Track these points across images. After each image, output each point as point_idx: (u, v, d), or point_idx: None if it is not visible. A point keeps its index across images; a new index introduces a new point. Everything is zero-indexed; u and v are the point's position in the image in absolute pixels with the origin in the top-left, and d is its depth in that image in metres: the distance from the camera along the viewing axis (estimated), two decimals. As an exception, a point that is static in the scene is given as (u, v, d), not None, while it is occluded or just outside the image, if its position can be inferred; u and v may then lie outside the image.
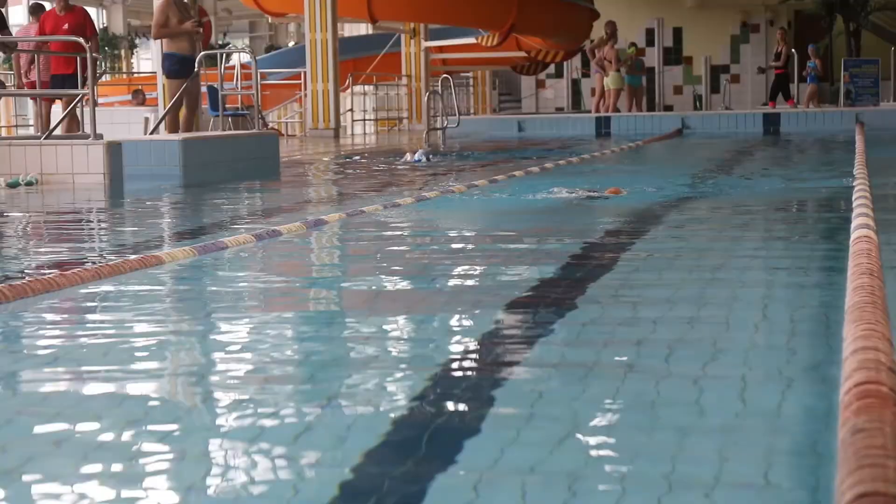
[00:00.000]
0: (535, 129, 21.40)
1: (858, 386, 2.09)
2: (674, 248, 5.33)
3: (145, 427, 2.50)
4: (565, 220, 6.66)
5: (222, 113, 14.66)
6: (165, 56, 13.17)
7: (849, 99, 23.37)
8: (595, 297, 3.93)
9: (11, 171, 9.90)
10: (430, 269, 4.75)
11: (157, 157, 10.68)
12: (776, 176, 9.66)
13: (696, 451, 2.19)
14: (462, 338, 3.42)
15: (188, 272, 4.76)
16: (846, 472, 1.64)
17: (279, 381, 2.88)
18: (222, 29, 34.25)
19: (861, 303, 2.92)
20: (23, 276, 4.53)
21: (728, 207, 7.08)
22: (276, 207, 8.22)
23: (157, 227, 7.15)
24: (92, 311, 3.97)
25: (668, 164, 13.29)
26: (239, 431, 2.43)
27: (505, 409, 2.55)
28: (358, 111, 25.35)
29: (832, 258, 4.61)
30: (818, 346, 3.12)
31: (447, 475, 2.07)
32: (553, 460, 2.14)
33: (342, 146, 17.49)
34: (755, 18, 33.49)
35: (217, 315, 3.85)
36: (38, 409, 2.69)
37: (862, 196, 6.03)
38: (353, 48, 25.13)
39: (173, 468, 2.22)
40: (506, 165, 11.85)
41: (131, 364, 3.10)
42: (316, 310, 4.07)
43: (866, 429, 1.81)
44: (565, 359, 3.02)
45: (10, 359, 3.27)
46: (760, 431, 2.30)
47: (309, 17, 20.18)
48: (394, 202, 7.39)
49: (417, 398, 2.64)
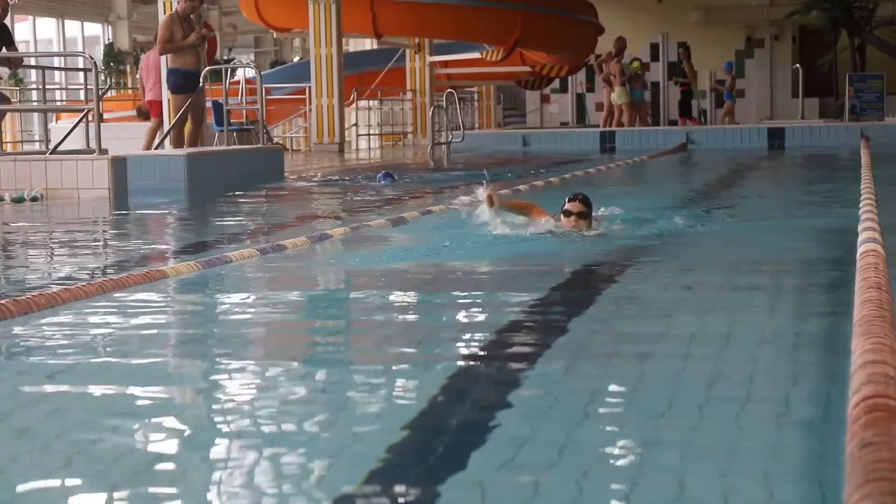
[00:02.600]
0: (539, 143, 21.39)
1: (867, 400, 2.07)
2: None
3: (150, 439, 2.49)
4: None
5: (227, 128, 14.68)
6: (170, 71, 13.18)
7: (854, 114, 23.34)
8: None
9: (17, 187, 9.91)
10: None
11: (162, 171, 10.69)
12: (777, 205, 8.56)
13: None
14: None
15: (187, 286, 4.75)
16: (854, 486, 1.62)
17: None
18: (227, 44, 34.31)
19: (869, 316, 2.90)
20: (27, 291, 4.52)
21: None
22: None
23: (161, 241, 7.14)
24: (96, 326, 3.95)
25: (657, 186, 12.43)
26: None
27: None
28: (363, 126, 25.34)
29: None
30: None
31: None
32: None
33: (346, 160, 17.49)
34: (760, 33, 33.49)
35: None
36: (40, 423, 2.68)
37: (868, 210, 6.01)
38: (357, 63, 25.14)
39: (183, 478, 2.21)
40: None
41: (131, 378, 3.09)
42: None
43: (874, 442, 1.80)
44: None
45: (11, 373, 3.26)
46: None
47: (314, 33, 20.20)
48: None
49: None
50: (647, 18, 32.56)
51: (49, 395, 2.98)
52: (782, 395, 2.71)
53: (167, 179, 10.61)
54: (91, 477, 2.23)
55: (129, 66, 29.76)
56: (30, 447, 2.47)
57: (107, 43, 29.71)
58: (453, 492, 2.07)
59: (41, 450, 2.44)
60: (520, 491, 2.08)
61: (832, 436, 2.29)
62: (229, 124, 14.77)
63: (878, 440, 1.81)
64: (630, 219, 6.70)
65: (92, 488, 2.16)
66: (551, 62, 25.92)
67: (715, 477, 2.11)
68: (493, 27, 22.49)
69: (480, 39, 23.67)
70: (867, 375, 2.25)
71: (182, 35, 12.94)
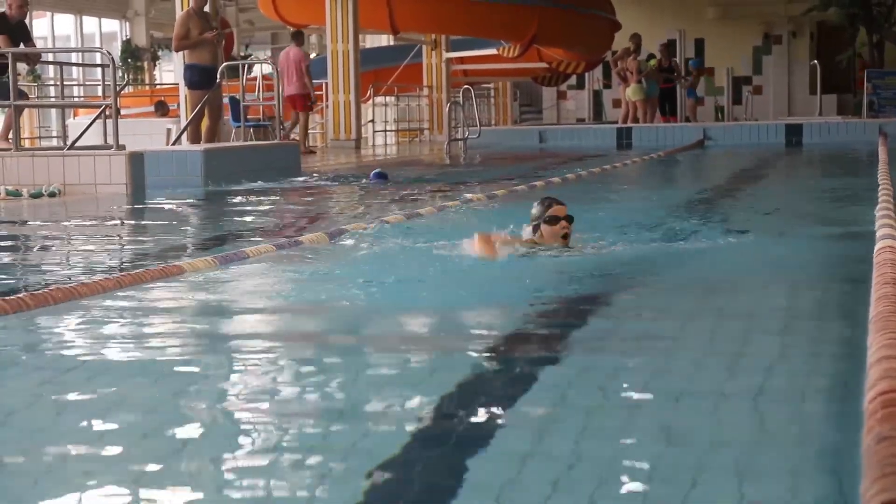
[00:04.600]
0: (556, 139, 21.37)
1: (883, 395, 2.07)
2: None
3: (162, 433, 2.50)
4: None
5: (244, 124, 14.71)
6: (187, 67, 13.22)
7: (872, 110, 23.25)
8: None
9: (35, 182, 9.95)
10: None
11: (180, 167, 10.71)
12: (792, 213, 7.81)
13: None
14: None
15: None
16: (871, 480, 1.62)
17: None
18: (244, 40, 34.35)
19: (885, 312, 2.89)
20: (44, 285, 4.53)
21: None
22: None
23: (179, 236, 7.16)
24: (113, 321, 3.96)
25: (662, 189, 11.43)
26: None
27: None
28: (379, 122, 25.35)
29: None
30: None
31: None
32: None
33: (363, 156, 17.51)
34: (777, 30, 33.38)
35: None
36: (56, 416, 2.69)
37: (886, 207, 5.99)
38: (374, 59, 25.14)
39: (192, 475, 2.22)
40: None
41: (148, 369, 3.10)
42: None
43: (891, 437, 1.79)
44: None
45: (29, 367, 3.28)
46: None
47: (331, 29, 20.21)
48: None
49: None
50: (663, 15, 32.46)
51: (65, 388, 2.99)
52: (798, 391, 2.71)
53: (184, 175, 10.63)
54: (100, 472, 2.24)
55: (146, 62, 29.84)
56: (45, 440, 2.48)
57: (124, 39, 29.79)
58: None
59: (55, 442, 2.45)
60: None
61: (849, 431, 2.29)
62: (246, 120, 14.81)
63: (895, 434, 1.81)
64: (617, 231, 5.72)
65: (101, 483, 2.17)
66: (568, 58, 25.89)
67: (732, 474, 2.11)
68: (509, 23, 22.46)
69: (497, 36, 23.64)
70: (883, 371, 2.25)
71: (198, 31, 12.96)
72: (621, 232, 5.87)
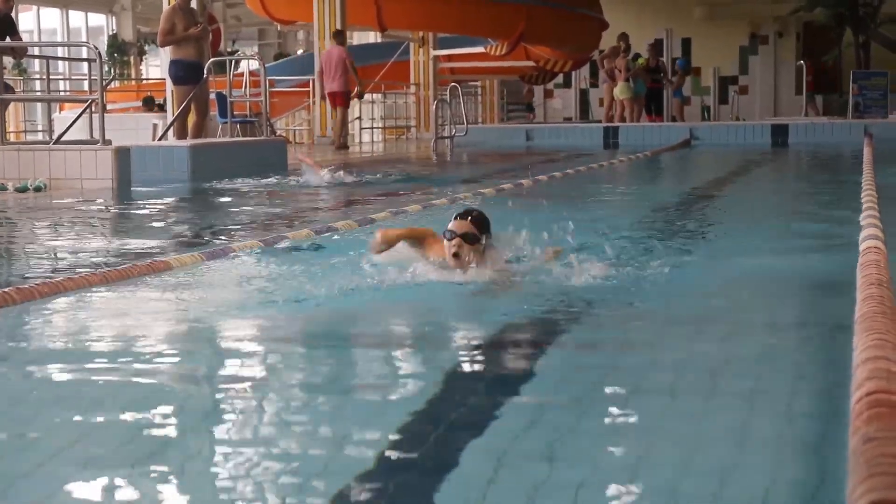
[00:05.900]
0: (542, 138, 21.38)
1: (869, 395, 2.08)
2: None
3: (152, 432, 2.50)
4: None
5: (231, 120, 14.69)
6: (172, 63, 13.19)
7: (857, 111, 23.33)
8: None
9: (20, 177, 9.91)
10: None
11: (166, 162, 10.69)
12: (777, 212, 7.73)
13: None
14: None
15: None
16: (858, 481, 1.62)
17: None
18: (231, 36, 34.29)
19: (871, 312, 2.90)
20: (30, 279, 4.52)
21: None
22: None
23: (166, 231, 7.14)
24: (100, 316, 3.96)
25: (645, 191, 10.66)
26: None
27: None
28: (366, 119, 25.33)
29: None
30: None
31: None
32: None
33: (349, 154, 17.49)
34: (764, 30, 33.46)
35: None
36: (43, 410, 2.69)
37: (870, 207, 6.01)
38: (361, 56, 25.13)
39: (185, 469, 2.22)
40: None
41: (135, 365, 3.10)
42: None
43: (877, 437, 1.80)
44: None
45: (14, 362, 3.27)
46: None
47: (318, 25, 20.19)
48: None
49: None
50: (650, 14, 32.53)
51: (51, 382, 2.99)
52: (784, 392, 2.72)
53: (171, 170, 10.61)
54: (94, 466, 2.23)
55: (132, 56, 29.76)
56: (34, 433, 2.48)
57: (111, 33, 29.70)
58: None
59: (45, 436, 2.44)
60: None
61: (835, 431, 2.29)
62: (233, 116, 14.78)
63: (881, 435, 1.82)
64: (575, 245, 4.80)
65: (95, 475, 2.17)
66: (555, 57, 25.90)
67: (715, 473, 2.12)
68: (497, 21, 22.47)
69: (484, 33, 23.66)
70: (870, 371, 2.25)
71: (183, 27, 12.93)
72: (599, 234, 5.48)
